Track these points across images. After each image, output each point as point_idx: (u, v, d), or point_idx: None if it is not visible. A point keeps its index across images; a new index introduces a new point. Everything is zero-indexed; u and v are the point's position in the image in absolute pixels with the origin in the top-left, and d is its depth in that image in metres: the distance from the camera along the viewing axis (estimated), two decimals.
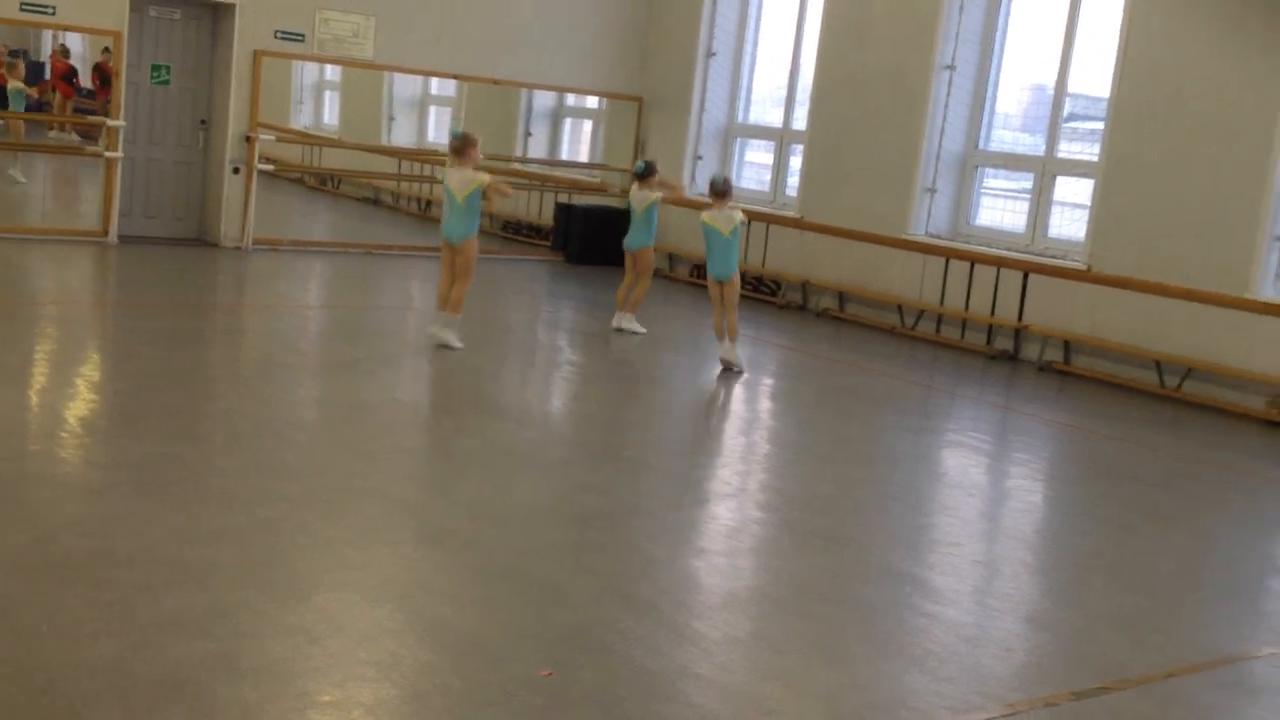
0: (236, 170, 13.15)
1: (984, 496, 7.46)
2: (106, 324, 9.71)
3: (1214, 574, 6.30)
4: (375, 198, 18.25)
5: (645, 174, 10.84)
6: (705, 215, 9.87)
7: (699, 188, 14.80)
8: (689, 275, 14.57)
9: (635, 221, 10.90)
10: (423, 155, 16.87)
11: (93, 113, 15.35)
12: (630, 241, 10.95)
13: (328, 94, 19.42)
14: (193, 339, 9.25)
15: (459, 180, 9.37)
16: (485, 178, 9.34)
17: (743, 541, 6.01)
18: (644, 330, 10.88)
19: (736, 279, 9.85)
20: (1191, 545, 6.70)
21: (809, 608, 5.10)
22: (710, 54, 14.73)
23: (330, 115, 19.29)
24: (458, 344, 9.41)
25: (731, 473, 7.38)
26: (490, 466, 6.71)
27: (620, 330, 10.80)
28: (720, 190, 9.84)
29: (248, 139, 13.12)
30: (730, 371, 9.70)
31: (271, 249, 13.41)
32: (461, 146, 9.40)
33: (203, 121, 13.32)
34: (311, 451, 6.67)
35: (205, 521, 5.28)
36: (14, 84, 15.14)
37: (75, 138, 16.05)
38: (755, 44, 14.85)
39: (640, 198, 10.79)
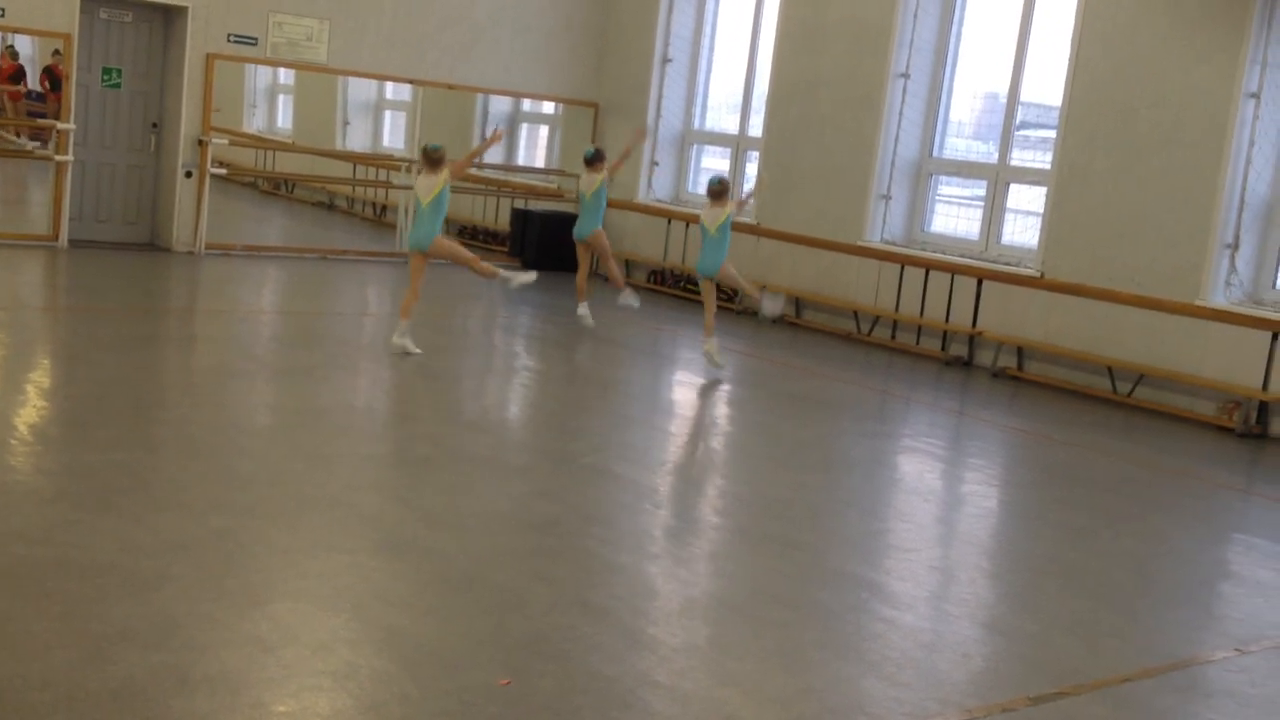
0: (189, 174, 13.03)
1: (939, 501, 7.51)
2: (57, 329, 9.58)
3: (1167, 578, 6.37)
4: (330, 202, 18.14)
5: (594, 159, 11.26)
6: (701, 214, 10.09)
7: (655, 194, 14.83)
8: (646, 280, 14.57)
9: (585, 208, 11.29)
10: (377, 160, 16.77)
11: (42, 115, 15.14)
12: (579, 230, 11.39)
13: (281, 98, 19.28)
14: (145, 345, 9.14)
15: (425, 186, 9.41)
16: (445, 173, 9.40)
17: (699, 547, 6.01)
18: (636, 303, 11.67)
19: (729, 270, 10.06)
20: (1144, 550, 6.77)
21: (766, 613, 5.10)
22: (666, 60, 14.76)
23: (284, 119, 19.15)
24: (415, 350, 9.38)
25: (688, 478, 7.39)
26: (447, 473, 6.67)
27: (618, 307, 11.56)
28: (715, 191, 9.98)
29: (200, 143, 13.00)
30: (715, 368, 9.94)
31: (224, 254, 13.29)
32: (440, 158, 9.44)
33: (154, 125, 13.18)
34: (266, 459, 6.61)
35: (158, 531, 5.21)
36: None
37: (24, 141, 15.83)
38: (711, 50, 14.89)
39: (588, 181, 11.21)
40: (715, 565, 5.79)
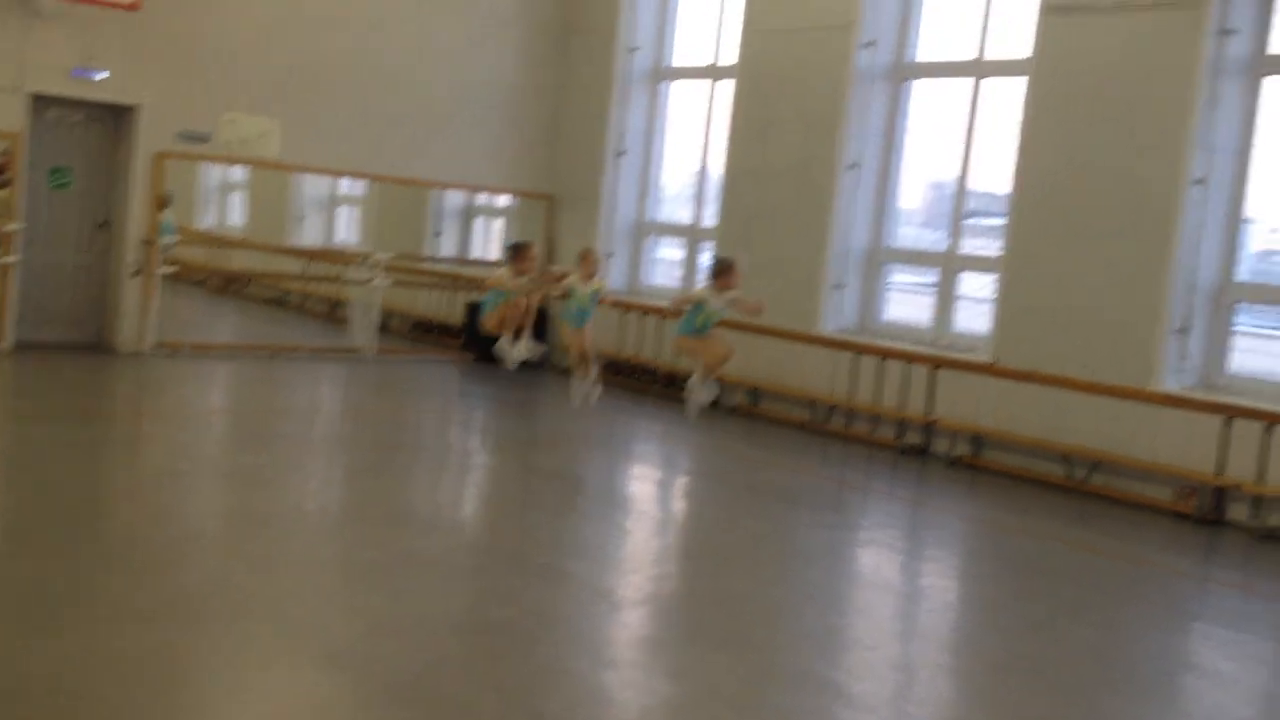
0: (136, 273, 12.89)
1: (899, 595, 7.40)
2: None
3: (1130, 672, 6.26)
4: (283, 299, 18.01)
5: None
6: (701, 291, 10.08)
7: (611, 284, 14.79)
8: (603, 372, 14.47)
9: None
10: (330, 255, 16.70)
11: None
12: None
13: (234, 194, 19.22)
14: (87, 449, 8.93)
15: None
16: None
17: (657, 650, 5.86)
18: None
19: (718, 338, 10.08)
20: (1105, 641, 6.67)
21: None
22: (619, 152, 14.84)
23: (237, 215, 19.07)
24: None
25: (644, 577, 7.24)
26: (395, 577, 6.50)
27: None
28: (720, 270, 9.91)
29: (148, 242, 12.88)
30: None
31: (172, 353, 13.10)
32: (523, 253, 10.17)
33: (102, 224, 13.06)
34: (208, 568, 6.41)
35: (91, 647, 5.01)
36: None
37: None
38: (663, 142, 15.00)
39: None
40: (673, 670, 5.62)
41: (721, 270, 9.87)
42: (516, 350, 10.47)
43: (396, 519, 7.84)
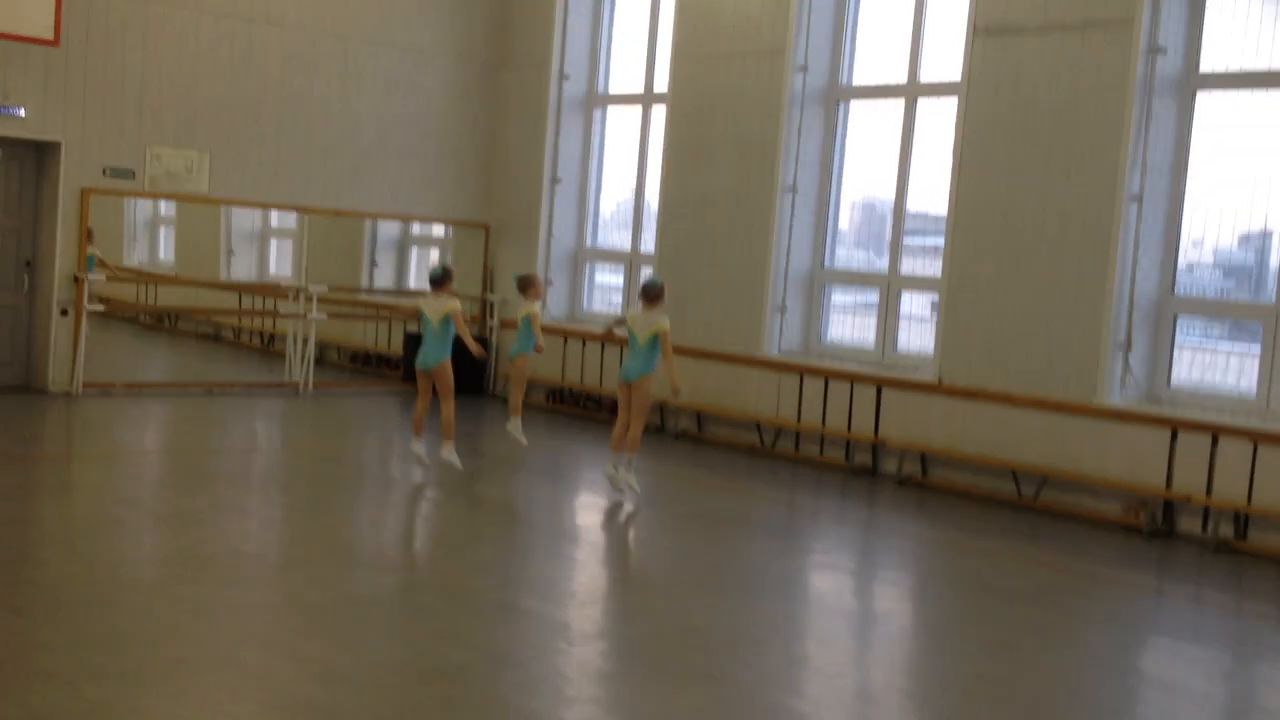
0: (65, 312, 12.53)
1: (859, 621, 7.30)
2: None
3: (1094, 691, 6.18)
4: (216, 334, 17.66)
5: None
6: (629, 314, 9.74)
7: (551, 313, 14.66)
8: (545, 400, 14.34)
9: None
10: (264, 289, 16.40)
11: None
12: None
13: (163, 230, 18.84)
14: (14, 495, 8.59)
15: (433, 307, 9.78)
16: (456, 304, 9.80)
17: (616, 688, 5.71)
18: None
19: (647, 385, 9.52)
20: (1069, 662, 6.60)
21: None
22: (556, 180, 14.72)
23: (166, 251, 18.69)
24: (456, 461, 9.79)
25: (600, 611, 7.08)
26: (343, 620, 6.29)
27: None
28: (650, 294, 9.57)
29: (76, 279, 12.55)
30: (620, 491, 9.45)
31: (104, 392, 12.74)
32: (443, 279, 9.89)
33: (27, 263, 12.70)
34: (146, 617, 6.15)
35: (25, 706, 4.76)
36: None
37: None
38: (600, 168, 14.91)
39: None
40: (636, 708, 5.47)
41: (649, 294, 9.62)
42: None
43: (341, 559, 7.62)
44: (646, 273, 13.93)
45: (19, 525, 7.83)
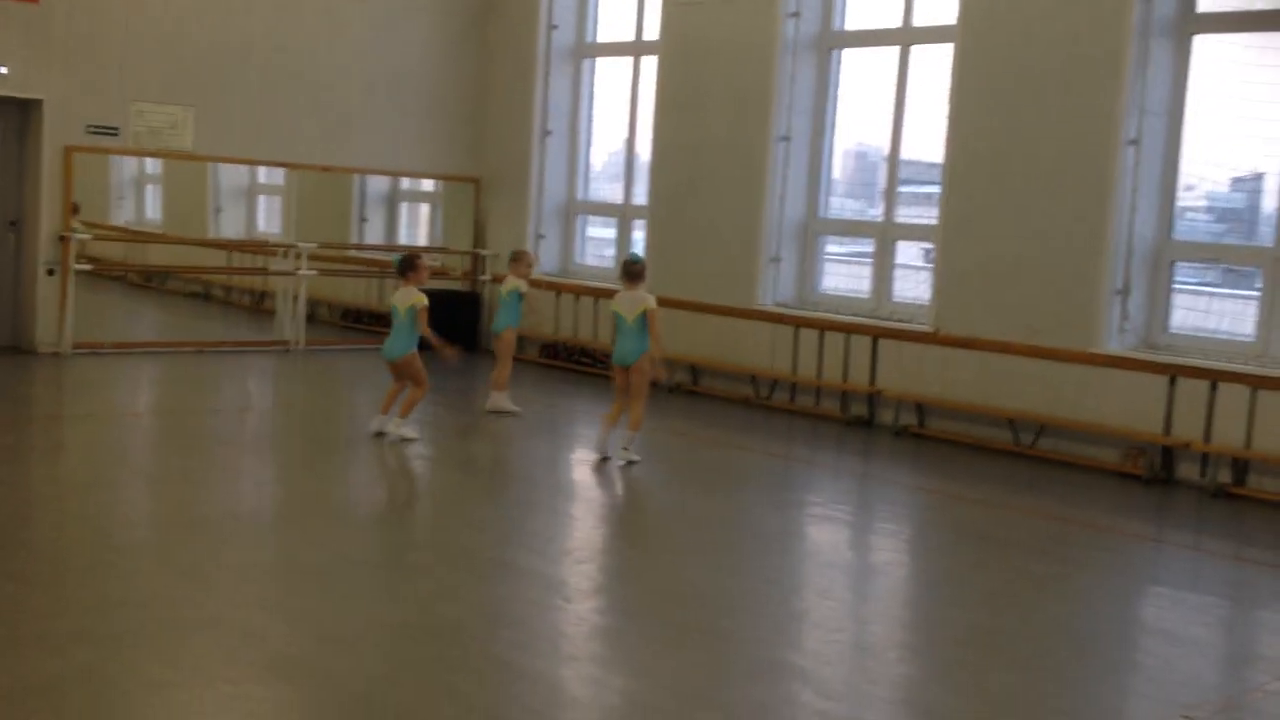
0: (51, 272, 12.39)
1: (857, 574, 7.26)
2: None
3: (1098, 642, 6.14)
4: (205, 292, 17.49)
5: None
6: (615, 299, 9.36)
7: (543, 266, 14.53)
8: (539, 355, 14.24)
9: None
10: (252, 246, 16.23)
11: None
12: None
13: (149, 187, 18.63)
14: (3, 457, 8.51)
15: (401, 296, 9.57)
16: (423, 300, 9.47)
17: (617, 645, 5.65)
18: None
19: (645, 364, 9.17)
20: (1069, 612, 6.57)
21: (695, 716, 4.76)
22: (546, 132, 14.55)
23: (153, 209, 18.49)
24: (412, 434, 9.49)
25: (597, 567, 7.03)
26: (338, 580, 6.22)
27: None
28: (631, 272, 9.22)
29: (61, 238, 12.39)
30: (626, 464, 9.17)
31: (93, 352, 12.63)
32: (407, 267, 9.64)
33: (12, 223, 12.54)
34: (138, 578, 6.09)
35: (13, 671, 4.70)
36: None
37: None
38: (590, 120, 14.73)
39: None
40: (636, 664, 5.41)
41: (630, 273, 9.24)
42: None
43: (335, 518, 7.55)
44: (639, 225, 13.81)
45: (7, 488, 7.74)
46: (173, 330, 15.60)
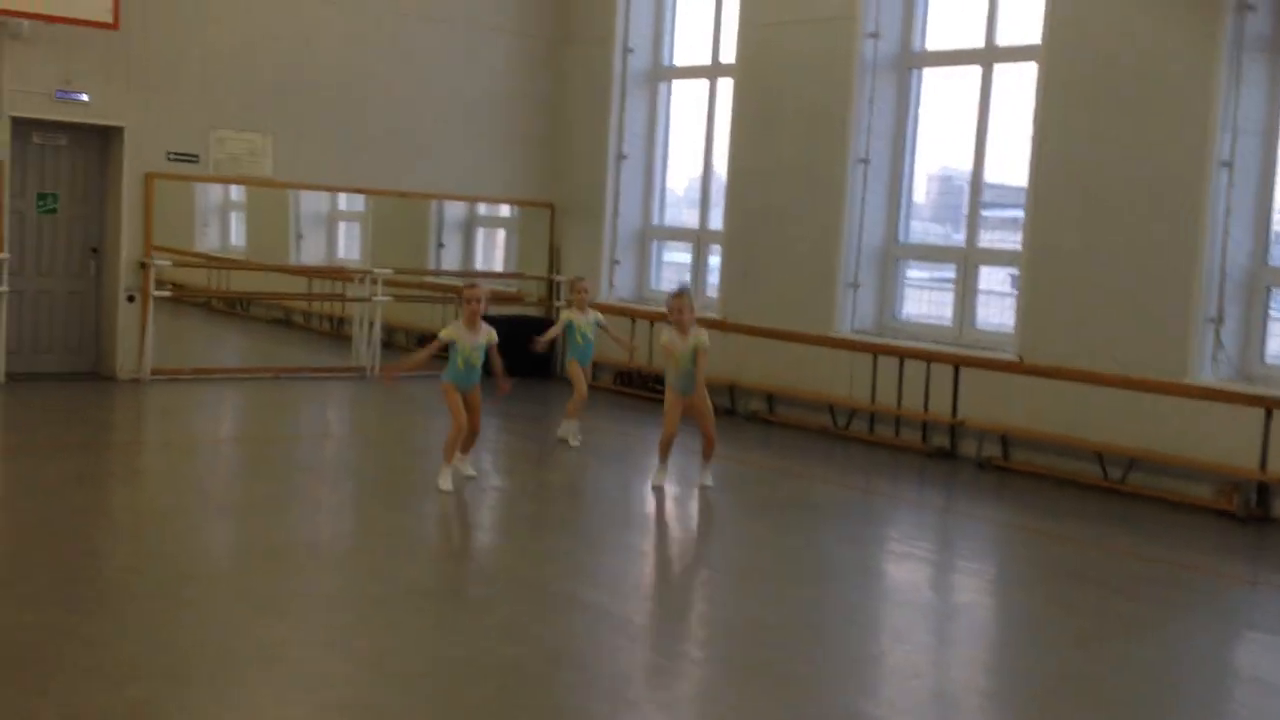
0: (131, 298, 12.53)
1: (937, 615, 6.98)
2: None
3: (1186, 689, 5.83)
4: (286, 318, 17.64)
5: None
6: (666, 335, 9.05)
7: (618, 293, 14.43)
8: (613, 382, 14.10)
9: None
10: (330, 272, 16.33)
11: None
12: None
13: (234, 214, 18.86)
14: (81, 484, 8.53)
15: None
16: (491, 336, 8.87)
17: (683, 688, 5.45)
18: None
19: (703, 392, 8.97)
20: (1157, 656, 6.25)
21: None
22: (621, 157, 14.45)
23: (237, 236, 18.72)
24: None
25: (667, 604, 6.84)
26: (400, 613, 6.10)
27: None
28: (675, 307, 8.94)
29: (142, 265, 12.53)
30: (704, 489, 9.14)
31: (172, 379, 12.73)
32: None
33: (94, 249, 12.71)
34: (199, 610, 6.01)
35: (63, 706, 4.62)
36: None
37: None
38: (666, 145, 14.61)
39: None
40: (702, 709, 5.21)
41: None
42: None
43: (403, 548, 7.45)
44: (715, 250, 13.63)
45: (83, 516, 7.75)
46: (252, 356, 15.72)
